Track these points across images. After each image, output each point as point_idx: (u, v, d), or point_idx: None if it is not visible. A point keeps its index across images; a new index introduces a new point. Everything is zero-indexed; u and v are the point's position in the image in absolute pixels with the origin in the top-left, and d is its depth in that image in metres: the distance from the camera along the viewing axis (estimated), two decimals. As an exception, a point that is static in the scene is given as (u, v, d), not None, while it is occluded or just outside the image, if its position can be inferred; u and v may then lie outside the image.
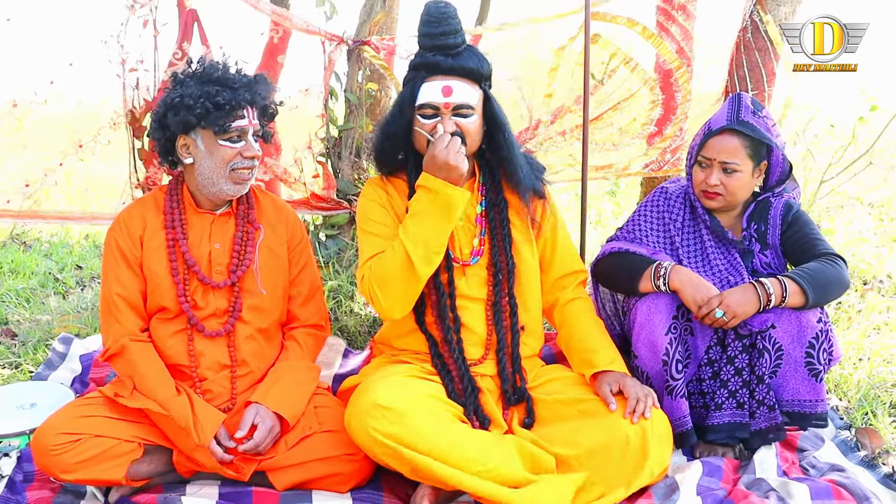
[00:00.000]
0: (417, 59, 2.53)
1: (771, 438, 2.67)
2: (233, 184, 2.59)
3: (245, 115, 2.55)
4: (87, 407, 2.53)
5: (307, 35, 4.22)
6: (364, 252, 2.59)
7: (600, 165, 4.37)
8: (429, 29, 2.47)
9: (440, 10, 2.47)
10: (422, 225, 2.45)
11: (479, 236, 2.67)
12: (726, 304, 2.57)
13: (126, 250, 2.62)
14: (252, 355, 2.68)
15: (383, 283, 2.47)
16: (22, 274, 4.91)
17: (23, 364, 3.57)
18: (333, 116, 4.27)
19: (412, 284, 2.47)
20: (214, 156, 2.55)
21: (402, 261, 2.44)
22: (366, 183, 2.73)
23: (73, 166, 4.10)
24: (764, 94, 3.78)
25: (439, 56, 2.48)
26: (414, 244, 2.43)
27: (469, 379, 2.57)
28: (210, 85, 2.52)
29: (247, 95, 2.54)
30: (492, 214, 2.67)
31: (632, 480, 2.39)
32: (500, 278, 2.65)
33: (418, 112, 2.51)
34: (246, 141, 2.57)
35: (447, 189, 2.42)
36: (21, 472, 2.64)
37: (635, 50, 4.21)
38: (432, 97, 2.48)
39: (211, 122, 2.50)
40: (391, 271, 2.46)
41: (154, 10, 3.86)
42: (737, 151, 2.72)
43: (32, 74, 4.12)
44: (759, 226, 2.83)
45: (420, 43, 2.52)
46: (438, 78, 2.48)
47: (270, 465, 2.52)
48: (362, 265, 2.56)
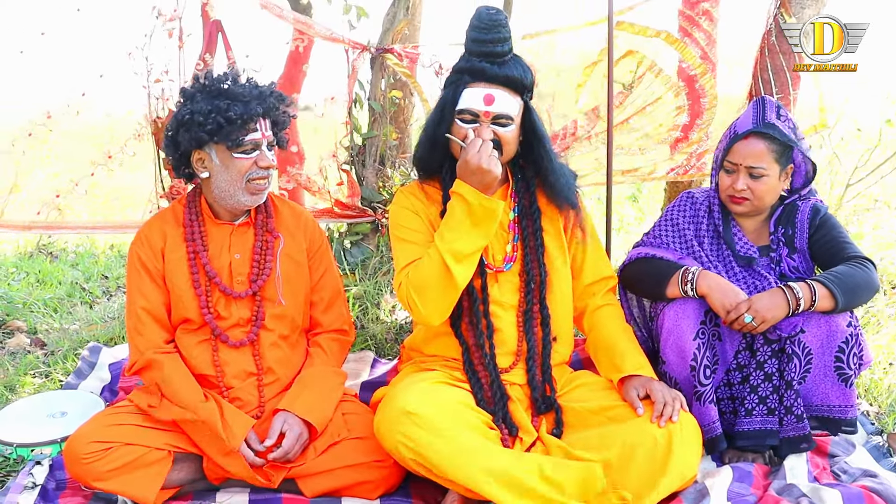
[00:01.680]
0: (462, 63, 2.50)
1: (803, 448, 2.64)
2: (250, 195, 2.59)
3: (258, 128, 2.54)
4: (118, 415, 2.55)
5: (331, 43, 4.24)
6: (399, 259, 2.58)
7: (626, 170, 4.35)
8: (478, 34, 2.45)
9: (491, 16, 2.45)
10: (457, 231, 2.43)
11: (512, 242, 2.66)
12: (755, 308, 2.55)
13: (149, 264, 2.64)
14: (277, 362, 2.69)
15: (421, 291, 2.46)
16: (49, 284, 4.96)
17: (53, 373, 3.61)
18: (357, 124, 4.28)
19: (450, 291, 2.46)
20: (230, 169, 2.55)
21: (439, 267, 2.43)
22: (398, 190, 2.71)
23: (98, 177, 4.15)
24: (789, 97, 3.76)
25: (485, 63, 2.45)
26: (450, 250, 2.42)
27: (499, 386, 2.56)
28: (220, 98, 2.50)
29: (258, 109, 2.52)
30: (525, 222, 2.66)
31: (658, 481, 2.37)
32: (531, 286, 2.64)
33: (458, 117, 2.50)
34: (260, 151, 2.57)
35: (480, 198, 2.40)
36: (53, 480, 2.66)
37: (660, 56, 4.20)
38: (473, 104, 2.47)
39: (224, 137, 2.50)
40: (428, 278, 2.45)
41: (179, 21, 3.90)
42: (763, 156, 2.71)
43: (64, 86, 4.16)
44: (787, 229, 2.82)
45: (467, 47, 2.50)
46: (481, 85, 2.47)
47: (300, 473, 2.53)
48: (399, 272, 2.55)
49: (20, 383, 3.49)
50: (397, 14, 4.29)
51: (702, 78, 4.07)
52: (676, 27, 4.21)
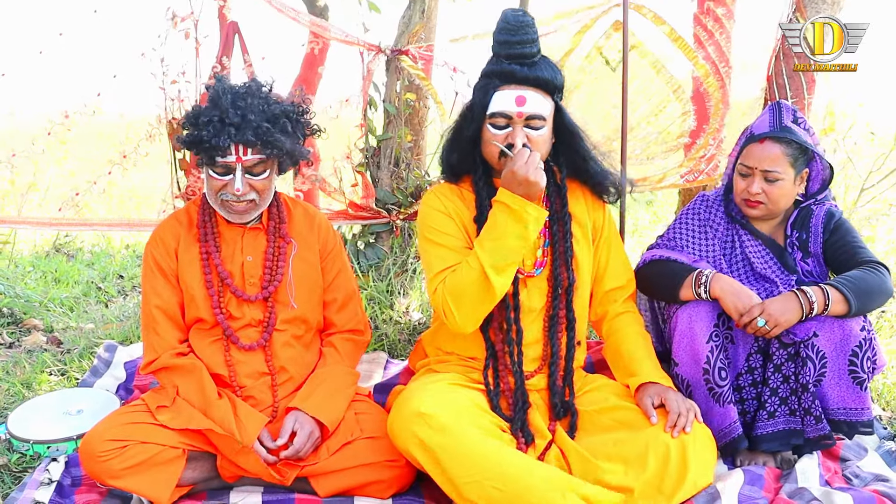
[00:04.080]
0: (491, 67, 2.50)
1: (825, 445, 2.66)
2: (226, 211, 2.59)
3: (232, 153, 2.48)
4: (133, 414, 2.56)
5: (346, 46, 4.26)
6: (433, 264, 2.55)
7: (636, 178, 4.34)
8: (506, 37, 2.45)
9: (518, 18, 2.45)
10: (500, 241, 2.41)
11: (543, 247, 2.65)
12: (768, 312, 2.55)
13: (163, 263, 2.66)
14: (290, 361, 2.70)
15: (458, 298, 2.44)
16: (65, 283, 5.00)
17: (69, 371, 3.64)
18: (372, 126, 4.30)
19: (487, 301, 2.45)
20: (207, 182, 2.57)
21: (478, 276, 2.41)
22: (427, 191, 2.69)
23: (113, 177, 4.18)
24: (803, 101, 3.75)
25: (514, 65, 2.45)
26: (491, 260, 2.40)
27: (523, 392, 2.56)
28: (213, 112, 2.46)
29: (226, 141, 2.43)
30: (555, 227, 2.65)
31: (674, 493, 2.36)
32: (559, 291, 2.63)
33: (489, 121, 2.49)
34: (233, 175, 2.52)
35: (526, 207, 2.39)
36: (69, 477, 2.68)
37: (671, 61, 4.19)
38: (505, 106, 2.46)
39: (197, 152, 2.51)
40: (466, 286, 2.43)
41: (196, 23, 3.93)
42: (778, 160, 2.71)
43: (81, 87, 4.20)
44: (801, 234, 2.82)
45: (495, 50, 2.50)
46: (512, 87, 2.46)
47: (313, 471, 2.54)
48: (433, 278, 2.52)
49: (37, 381, 3.52)
50: (413, 16, 4.30)
51: (706, 81, 4.06)
52: (691, 33, 4.22)
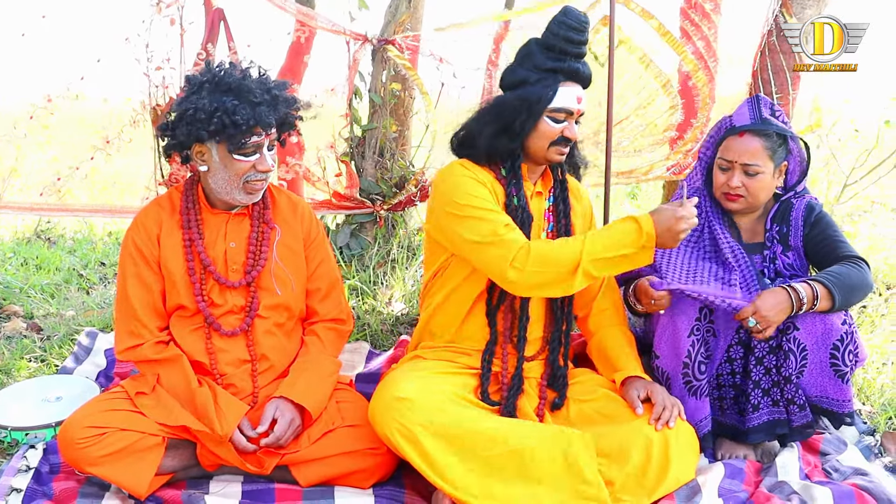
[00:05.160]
0: (554, 63, 2.51)
1: (808, 433, 2.70)
2: (246, 194, 2.58)
3: (260, 132, 2.50)
4: (113, 401, 2.55)
5: (332, 35, 4.24)
6: (491, 222, 2.46)
7: (622, 171, 4.36)
8: (573, 35, 2.49)
9: (581, 19, 2.50)
10: (612, 251, 2.40)
11: (547, 230, 2.68)
12: (760, 314, 2.52)
13: (144, 249, 2.63)
14: (272, 349, 2.69)
15: (542, 265, 2.40)
16: (46, 270, 4.96)
17: (48, 358, 3.61)
18: (357, 116, 4.29)
19: (557, 286, 2.43)
20: (228, 168, 2.53)
21: (571, 263, 2.39)
22: (451, 164, 2.65)
23: (95, 163, 4.15)
24: (788, 97, 3.77)
25: (578, 64, 2.52)
26: (593, 259, 2.39)
27: (520, 377, 2.59)
28: (228, 96, 2.45)
29: (269, 118, 2.48)
30: (560, 207, 2.69)
31: (655, 488, 2.39)
32: None
33: (549, 114, 2.52)
34: (261, 154, 2.54)
35: (652, 243, 2.40)
36: (47, 464, 2.66)
37: (658, 54, 4.19)
38: (569, 103, 2.52)
39: (226, 139, 2.48)
40: (555, 262, 2.39)
41: (181, 9, 3.90)
42: (758, 153, 2.72)
43: (64, 70, 4.17)
44: (782, 227, 2.83)
45: (560, 46, 2.50)
46: (573, 84, 2.53)
47: (294, 460, 2.54)
48: (503, 236, 2.44)
49: (16, 367, 3.50)
50: (399, 6, 4.29)
51: (694, 75, 4.07)
52: (678, 26, 4.22)
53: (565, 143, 2.56)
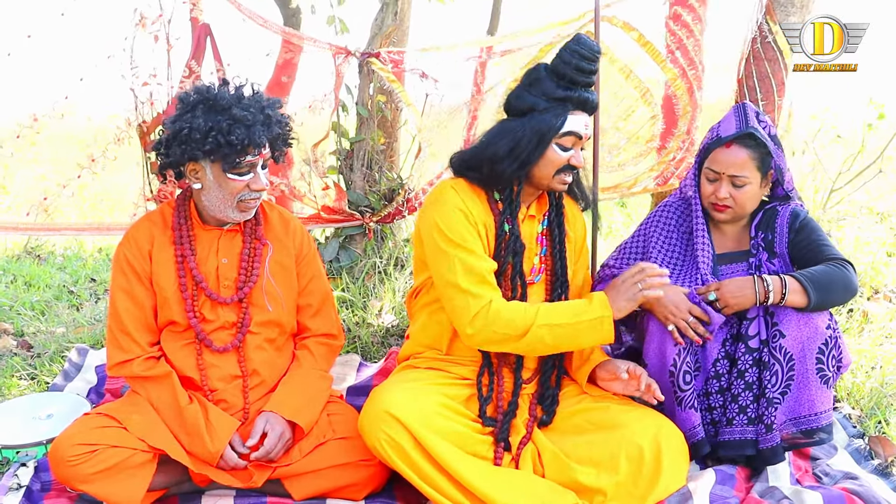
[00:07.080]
0: (566, 92, 2.49)
1: (776, 461, 2.65)
2: (239, 212, 2.58)
3: (255, 151, 2.51)
4: (104, 418, 2.53)
5: (317, 49, 4.25)
6: (470, 276, 2.49)
7: (607, 186, 4.36)
8: (585, 64, 2.48)
9: (594, 48, 2.49)
10: (567, 329, 2.45)
11: (540, 255, 2.69)
12: (722, 292, 2.62)
13: (135, 264, 2.63)
14: (263, 364, 2.69)
15: (497, 325, 2.45)
16: (36, 287, 4.95)
17: (39, 375, 3.60)
18: (344, 129, 4.30)
19: (507, 345, 2.49)
20: (222, 187, 2.53)
21: (522, 328, 2.43)
22: (440, 186, 2.64)
23: (83, 180, 4.15)
24: (774, 104, 3.78)
25: (587, 93, 2.52)
26: (546, 324, 2.44)
27: (515, 403, 2.60)
28: (222, 115, 2.45)
29: (263, 138, 2.48)
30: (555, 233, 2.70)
31: (646, 495, 2.40)
32: (554, 297, 2.68)
33: (558, 141, 2.51)
34: (255, 173, 2.54)
35: (609, 326, 2.44)
36: (38, 482, 2.66)
37: (641, 64, 4.21)
38: (578, 128, 2.51)
39: (220, 158, 2.47)
40: (509, 326, 2.44)
41: (166, 25, 3.90)
42: (745, 164, 2.73)
43: (49, 89, 4.17)
44: (767, 234, 2.83)
45: (570, 75, 2.48)
46: (581, 113, 2.53)
47: (286, 473, 2.54)
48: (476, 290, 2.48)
49: (6, 385, 3.49)
50: (385, 19, 4.31)
51: (673, 84, 4.09)
52: (663, 38, 4.25)
53: (570, 170, 2.56)
